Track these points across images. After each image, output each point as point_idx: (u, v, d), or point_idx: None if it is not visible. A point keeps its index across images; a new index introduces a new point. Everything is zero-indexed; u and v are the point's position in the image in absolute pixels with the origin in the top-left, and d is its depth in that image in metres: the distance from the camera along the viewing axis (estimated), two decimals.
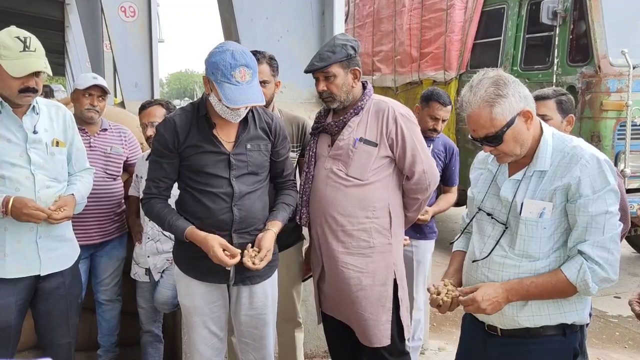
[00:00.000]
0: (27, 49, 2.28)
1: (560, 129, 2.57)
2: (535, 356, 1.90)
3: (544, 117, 2.65)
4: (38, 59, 2.31)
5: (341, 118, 2.53)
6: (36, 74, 2.32)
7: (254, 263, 2.25)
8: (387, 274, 2.51)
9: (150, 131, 2.99)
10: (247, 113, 2.32)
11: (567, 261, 1.82)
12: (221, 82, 2.18)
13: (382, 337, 2.50)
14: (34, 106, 2.43)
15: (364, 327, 2.50)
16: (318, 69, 2.47)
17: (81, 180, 2.61)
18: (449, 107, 3.32)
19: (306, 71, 2.51)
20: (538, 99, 2.68)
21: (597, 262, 1.76)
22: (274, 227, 2.37)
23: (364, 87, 2.57)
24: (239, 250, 2.25)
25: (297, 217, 2.64)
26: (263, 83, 2.67)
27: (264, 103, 2.30)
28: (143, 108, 3.12)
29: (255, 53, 2.65)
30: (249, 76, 2.19)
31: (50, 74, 2.41)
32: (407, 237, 2.89)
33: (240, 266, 2.30)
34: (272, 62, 2.72)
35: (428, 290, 2.00)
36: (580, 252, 1.79)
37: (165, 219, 2.34)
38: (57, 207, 2.39)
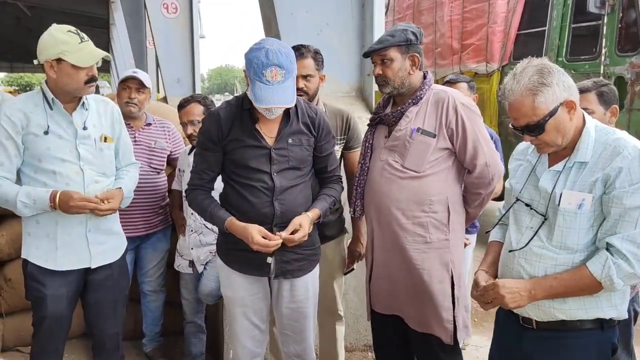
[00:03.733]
0: (83, 40, 2.35)
1: (603, 121, 2.49)
2: (571, 350, 1.87)
3: (585, 111, 2.58)
4: (95, 48, 2.39)
5: (399, 108, 2.44)
6: None
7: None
8: (443, 272, 2.40)
9: (191, 129, 3.04)
10: (290, 107, 2.31)
11: (593, 256, 1.79)
12: (253, 79, 2.19)
13: (443, 335, 2.40)
14: (83, 102, 2.49)
15: (420, 322, 2.43)
16: (375, 51, 2.39)
17: (128, 175, 2.67)
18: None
19: (364, 54, 2.46)
20: (578, 92, 2.61)
21: (624, 255, 1.72)
22: (311, 214, 2.36)
23: (425, 77, 2.47)
24: (278, 238, 2.26)
25: (351, 210, 2.60)
26: (307, 77, 2.67)
27: (293, 105, 2.26)
28: (181, 106, 3.12)
29: (300, 47, 2.65)
30: (281, 76, 2.17)
31: (110, 57, 2.46)
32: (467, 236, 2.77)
33: (280, 259, 2.34)
34: (316, 56, 2.72)
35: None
36: (609, 245, 1.76)
37: (207, 209, 2.38)
38: (103, 198, 2.44)
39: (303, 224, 2.31)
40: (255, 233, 2.24)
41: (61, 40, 2.32)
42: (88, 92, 2.43)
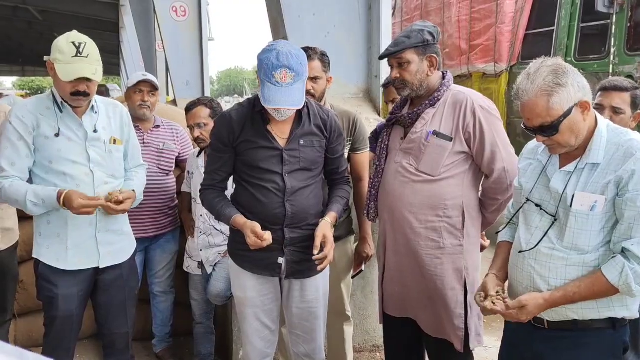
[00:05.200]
0: (79, 55, 2.35)
1: (626, 124, 2.47)
2: (583, 350, 1.86)
3: (617, 110, 2.55)
4: (89, 65, 2.37)
5: (415, 110, 2.37)
6: (87, 78, 2.38)
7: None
8: (456, 278, 2.35)
9: (197, 132, 3.07)
10: (302, 109, 2.32)
11: (608, 262, 1.77)
12: (263, 80, 2.21)
13: (455, 342, 2.38)
14: (92, 105, 2.52)
15: (433, 326, 2.41)
16: (391, 54, 2.33)
17: (137, 177, 2.70)
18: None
19: (380, 57, 2.41)
20: (615, 89, 2.57)
21: None
22: (329, 218, 2.38)
23: (444, 77, 2.40)
24: (266, 236, 2.26)
25: (365, 212, 2.59)
26: (314, 79, 2.69)
27: (301, 107, 2.26)
28: (188, 110, 3.15)
29: (307, 49, 2.66)
30: (290, 78, 2.18)
31: (99, 81, 2.45)
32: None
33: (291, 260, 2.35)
34: (323, 58, 2.73)
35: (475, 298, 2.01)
36: (625, 250, 1.74)
37: (216, 207, 2.41)
38: (124, 198, 2.44)
39: (327, 234, 2.31)
40: (249, 232, 2.26)
41: (59, 48, 2.35)
42: (74, 103, 2.44)
